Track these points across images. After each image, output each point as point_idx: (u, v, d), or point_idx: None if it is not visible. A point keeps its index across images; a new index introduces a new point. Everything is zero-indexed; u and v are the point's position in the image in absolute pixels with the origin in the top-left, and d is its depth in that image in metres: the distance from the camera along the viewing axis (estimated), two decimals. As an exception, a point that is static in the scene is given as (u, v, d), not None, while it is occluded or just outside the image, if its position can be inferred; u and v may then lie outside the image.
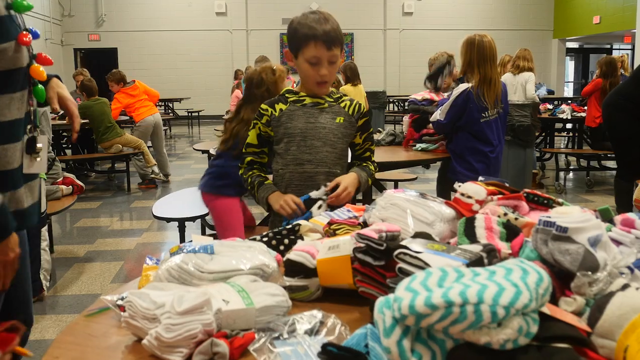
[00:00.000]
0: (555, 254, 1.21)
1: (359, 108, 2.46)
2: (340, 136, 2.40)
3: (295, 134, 2.37)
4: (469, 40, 3.92)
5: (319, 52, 2.25)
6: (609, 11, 16.89)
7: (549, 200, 1.62)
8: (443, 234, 1.54)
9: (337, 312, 1.28)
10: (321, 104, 2.40)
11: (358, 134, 2.47)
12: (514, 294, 0.95)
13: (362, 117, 2.47)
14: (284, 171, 2.40)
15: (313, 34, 2.24)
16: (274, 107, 2.41)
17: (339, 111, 2.42)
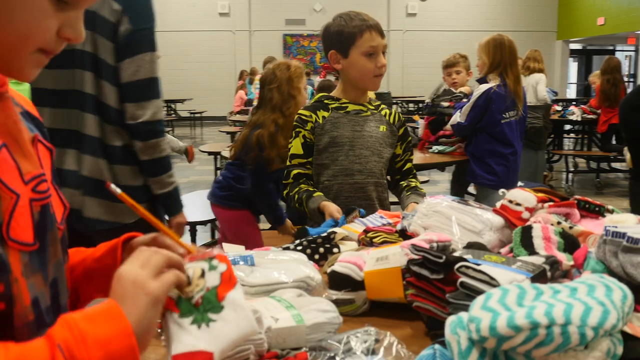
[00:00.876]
0: (627, 267, 1.14)
1: (398, 116, 2.39)
2: (385, 145, 2.31)
3: (343, 143, 2.24)
4: (497, 41, 3.84)
5: (375, 41, 2.17)
6: (613, 12, 16.81)
7: (600, 208, 1.55)
8: (492, 243, 1.47)
9: (387, 327, 1.20)
10: (364, 111, 2.31)
11: (399, 144, 2.38)
12: (602, 313, 0.88)
13: (402, 126, 2.39)
14: (330, 182, 2.25)
15: (366, 25, 2.17)
16: (317, 114, 2.27)
17: (381, 119, 2.33)
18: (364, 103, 2.32)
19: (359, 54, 2.17)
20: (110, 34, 1.94)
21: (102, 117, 2.00)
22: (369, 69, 2.19)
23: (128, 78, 1.96)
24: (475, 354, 0.90)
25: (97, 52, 1.96)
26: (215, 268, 0.90)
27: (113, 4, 1.92)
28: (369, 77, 2.21)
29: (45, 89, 2.02)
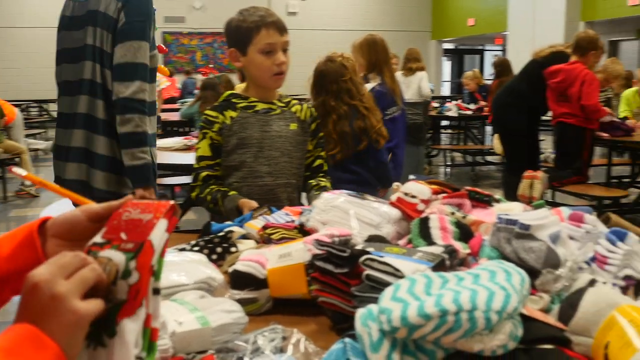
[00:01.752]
0: (519, 252, 1.20)
1: (310, 112, 2.32)
2: (295, 144, 2.24)
3: (252, 145, 2.17)
4: (370, 41, 3.94)
5: (272, 38, 2.11)
6: (482, 14, 17.78)
7: (489, 198, 1.62)
8: (390, 235, 1.49)
9: (292, 324, 1.19)
10: (273, 109, 2.23)
11: (309, 140, 2.32)
12: (504, 297, 0.92)
13: (314, 121, 2.33)
14: (239, 185, 2.19)
15: (263, 21, 2.11)
16: (224, 114, 2.19)
17: (292, 117, 2.26)
18: (272, 101, 2.26)
19: (256, 51, 2.12)
20: (111, 28, 2.27)
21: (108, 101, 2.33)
22: (266, 67, 2.13)
23: (116, 60, 2.26)
24: (386, 345, 0.90)
25: (102, 45, 2.31)
26: (128, 275, 0.74)
27: (117, 3, 2.27)
28: (267, 75, 2.16)
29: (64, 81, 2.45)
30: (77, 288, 0.69)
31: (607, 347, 0.98)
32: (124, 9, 2.26)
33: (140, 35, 2.26)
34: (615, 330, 0.98)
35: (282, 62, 2.14)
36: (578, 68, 5.06)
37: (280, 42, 2.13)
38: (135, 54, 2.25)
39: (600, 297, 1.05)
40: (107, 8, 2.27)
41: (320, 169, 2.36)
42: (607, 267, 1.29)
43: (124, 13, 2.25)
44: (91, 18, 2.31)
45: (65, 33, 2.44)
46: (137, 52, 2.25)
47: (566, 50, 5.45)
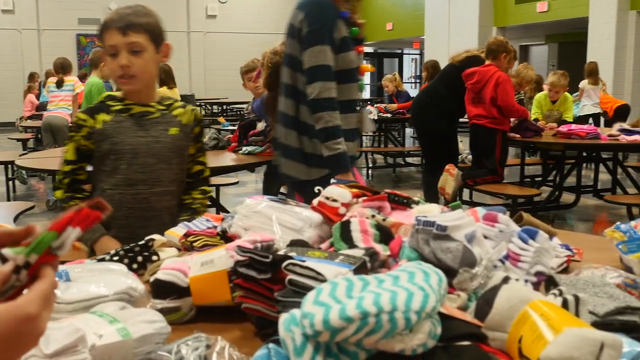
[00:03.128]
0: (437, 252, 1.23)
1: (194, 116, 2.22)
2: (175, 150, 2.14)
3: (125, 151, 2.07)
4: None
5: (113, 40, 1.98)
6: (400, 19, 18.17)
7: (408, 200, 1.66)
8: (312, 239, 1.50)
9: (216, 331, 1.18)
10: (151, 113, 2.13)
11: (192, 144, 2.23)
12: (423, 297, 0.95)
13: (197, 125, 2.23)
14: (112, 192, 2.09)
15: (107, 22, 2.01)
16: (95, 118, 2.08)
17: (172, 121, 2.15)
18: (150, 104, 2.14)
19: (105, 53, 2.04)
20: (296, 36, 2.58)
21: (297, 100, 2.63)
22: (112, 69, 2.04)
23: (304, 66, 2.55)
24: (310, 349, 0.91)
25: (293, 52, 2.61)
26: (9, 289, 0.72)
27: (300, 14, 2.56)
28: (114, 77, 2.08)
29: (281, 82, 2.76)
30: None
31: (521, 341, 1.02)
32: (305, 18, 2.54)
33: (319, 40, 2.51)
34: (527, 325, 1.03)
35: (124, 65, 2.00)
36: (492, 70, 5.26)
37: (122, 44, 1.99)
38: (316, 57, 2.51)
39: (513, 294, 1.10)
40: (295, 19, 2.60)
41: (200, 174, 2.28)
42: (520, 265, 1.35)
43: (305, 22, 2.53)
44: (289, 29, 2.65)
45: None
46: (317, 55, 2.51)
47: (481, 55, 5.66)
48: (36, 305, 0.71)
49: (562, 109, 6.57)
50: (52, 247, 0.74)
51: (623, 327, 1.20)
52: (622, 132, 5.19)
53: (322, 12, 2.53)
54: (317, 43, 2.51)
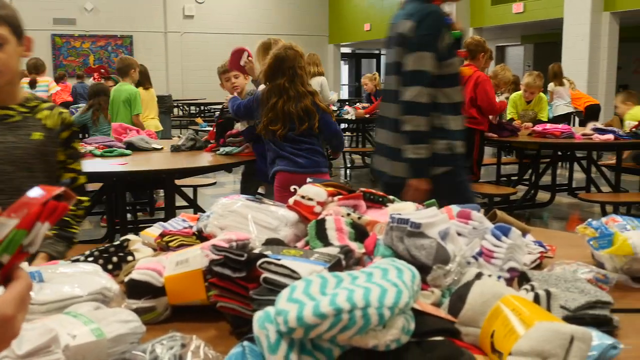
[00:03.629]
0: (411, 249, 1.24)
1: (61, 119, 2.02)
2: (38, 156, 1.94)
3: None
4: (267, 44, 3.96)
5: None
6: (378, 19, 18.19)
7: (383, 198, 1.67)
8: (288, 238, 1.51)
9: (192, 331, 1.18)
10: (11, 116, 1.92)
11: (61, 150, 2.03)
12: (396, 293, 0.95)
13: (65, 129, 2.03)
14: None
15: None
16: None
17: (36, 124, 1.96)
18: (11, 105, 1.94)
19: None
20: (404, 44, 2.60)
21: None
22: None
23: (403, 69, 2.60)
24: (284, 346, 0.92)
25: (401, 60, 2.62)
26: None
27: (412, 23, 2.57)
28: None
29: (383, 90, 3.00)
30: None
31: (493, 336, 1.04)
32: (415, 26, 2.57)
33: (424, 47, 2.56)
34: (500, 320, 1.05)
35: None
36: (471, 70, 5.30)
37: None
38: (418, 62, 2.55)
39: (486, 289, 1.11)
40: (403, 28, 2.60)
41: (71, 184, 2.10)
42: (493, 261, 1.37)
43: (414, 30, 2.56)
44: (396, 39, 2.66)
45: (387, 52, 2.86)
46: (420, 61, 2.55)
47: (457, 55, 5.69)
48: (12, 307, 0.71)
49: (537, 109, 6.64)
50: (23, 245, 0.74)
51: (594, 321, 1.22)
52: (595, 131, 5.26)
53: (432, 22, 2.59)
54: (422, 49, 2.57)
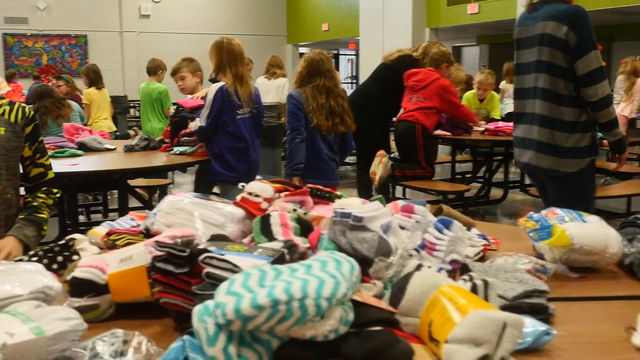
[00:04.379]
0: (353, 243, 1.26)
1: (23, 113, 2.02)
2: (3, 152, 1.94)
3: None
4: (218, 43, 3.97)
5: None
6: (335, 19, 18.28)
7: (330, 194, 1.69)
8: (235, 234, 1.52)
9: (136, 327, 1.18)
10: None
11: (27, 145, 2.04)
12: (333, 285, 0.97)
13: (29, 123, 2.03)
14: None
15: None
16: None
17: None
18: None
19: None
20: (562, 47, 2.81)
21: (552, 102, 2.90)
22: None
23: (581, 72, 2.79)
24: (222, 338, 0.93)
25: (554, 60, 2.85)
26: None
27: (561, 27, 2.78)
28: None
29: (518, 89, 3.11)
30: None
31: (431, 325, 1.06)
32: (571, 30, 2.77)
33: (590, 47, 2.79)
34: (437, 309, 1.07)
35: None
36: (435, 74, 5.38)
37: None
38: (592, 62, 2.79)
39: (424, 280, 1.14)
40: (555, 31, 2.80)
41: (40, 178, 2.11)
42: (436, 253, 1.40)
43: (571, 34, 2.77)
44: (548, 40, 2.84)
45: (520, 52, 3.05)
46: (592, 60, 2.79)
47: (413, 54, 5.75)
48: None
49: (489, 107, 6.76)
50: None
51: (531, 309, 1.26)
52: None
53: (584, 21, 2.81)
54: (590, 50, 2.80)
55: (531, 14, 2.94)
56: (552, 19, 2.81)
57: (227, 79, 3.85)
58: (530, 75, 2.96)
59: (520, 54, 3.04)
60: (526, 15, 2.99)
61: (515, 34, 3.08)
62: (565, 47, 2.80)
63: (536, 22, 2.88)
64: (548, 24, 2.82)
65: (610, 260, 1.58)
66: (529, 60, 2.96)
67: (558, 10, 2.81)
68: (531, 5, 2.95)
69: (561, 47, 2.81)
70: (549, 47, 2.84)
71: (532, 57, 2.93)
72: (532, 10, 2.94)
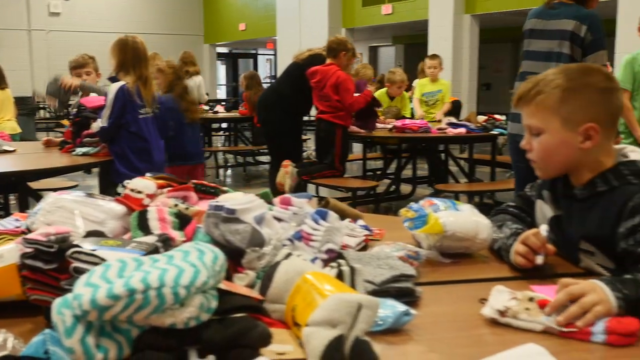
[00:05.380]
0: (226, 234, 1.30)
1: None
2: None
3: None
4: (122, 42, 3.92)
5: None
6: (253, 19, 18.26)
7: (215, 189, 1.71)
8: (116, 231, 1.52)
9: (6, 326, 1.17)
10: None
11: None
12: (193, 273, 1.00)
13: None
14: None
15: None
16: None
17: None
18: None
19: None
20: (579, 43, 3.36)
21: None
22: None
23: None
24: (80, 329, 0.94)
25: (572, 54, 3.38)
26: None
27: (581, 26, 3.33)
28: None
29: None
30: None
31: (294, 310, 1.11)
32: (589, 29, 3.33)
33: (601, 46, 3.36)
34: (300, 295, 1.12)
35: None
36: (332, 69, 5.47)
37: None
38: (601, 59, 3.35)
39: (290, 268, 1.18)
40: (576, 29, 3.35)
41: None
42: (312, 243, 1.45)
43: (589, 32, 3.32)
44: (570, 35, 3.37)
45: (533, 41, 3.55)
46: (603, 57, 3.36)
47: (323, 53, 5.85)
48: None
49: (400, 105, 6.95)
50: None
51: (398, 292, 1.33)
52: (449, 125, 5.59)
53: (600, 23, 3.37)
54: (601, 48, 3.38)
55: (550, 10, 3.49)
56: (575, 19, 3.37)
57: (130, 79, 3.80)
58: (540, 63, 3.43)
59: (532, 42, 3.55)
60: (543, 10, 3.54)
61: (529, 24, 3.60)
62: (581, 44, 3.38)
63: (558, 19, 3.43)
64: (570, 22, 3.38)
65: (481, 246, 1.67)
66: (543, 49, 3.48)
67: (581, 13, 3.39)
68: (551, 3, 3.50)
69: (579, 43, 3.38)
70: (570, 41, 3.39)
71: (548, 47, 3.47)
72: (551, 8, 3.49)
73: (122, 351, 0.97)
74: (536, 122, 1.56)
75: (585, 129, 1.49)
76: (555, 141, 1.54)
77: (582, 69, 1.62)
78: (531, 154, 1.61)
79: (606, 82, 1.55)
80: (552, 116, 1.52)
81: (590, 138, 1.50)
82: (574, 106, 1.50)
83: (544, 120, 1.54)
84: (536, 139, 1.57)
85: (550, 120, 1.53)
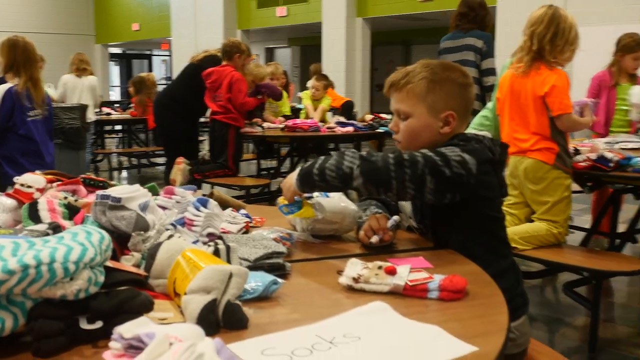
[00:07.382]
0: (113, 220, 1.44)
1: None
2: None
3: None
4: (11, 42, 3.89)
5: None
6: (146, 19, 17.98)
7: (104, 183, 1.83)
8: (7, 223, 1.61)
9: None
10: None
11: None
12: (81, 250, 1.14)
13: None
14: None
15: None
16: None
17: None
18: None
19: None
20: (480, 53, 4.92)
21: None
22: None
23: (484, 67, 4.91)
24: (-20, 303, 1.06)
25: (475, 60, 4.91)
26: None
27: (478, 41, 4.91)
28: None
29: None
30: None
31: (175, 282, 1.27)
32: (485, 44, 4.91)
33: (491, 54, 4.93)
34: (179, 269, 1.28)
35: None
36: (227, 70, 5.61)
37: None
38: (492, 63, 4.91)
39: (171, 247, 1.34)
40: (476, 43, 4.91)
41: None
42: (194, 228, 1.61)
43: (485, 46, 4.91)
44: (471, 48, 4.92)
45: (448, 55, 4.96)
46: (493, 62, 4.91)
47: (218, 54, 5.97)
48: None
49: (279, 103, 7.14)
50: None
51: (270, 267, 1.52)
52: (338, 124, 5.86)
53: (492, 41, 5.03)
54: (491, 56, 4.93)
55: (461, 32, 4.98)
56: (480, 38, 4.90)
57: (19, 81, 3.78)
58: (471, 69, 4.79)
59: (447, 57, 4.83)
60: (454, 34, 5.04)
61: (443, 44, 5.11)
62: (480, 53, 4.86)
63: (467, 37, 4.93)
64: (477, 40, 4.89)
65: (348, 228, 1.89)
66: (456, 60, 4.61)
67: (482, 34, 4.93)
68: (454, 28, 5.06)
69: (479, 53, 4.87)
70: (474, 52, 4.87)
71: (460, 57, 4.81)
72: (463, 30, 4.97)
73: (17, 321, 1.10)
74: (405, 107, 1.82)
75: (445, 116, 1.78)
76: (421, 125, 1.80)
77: (443, 65, 1.88)
78: (397, 135, 1.86)
79: (463, 78, 1.84)
80: (419, 103, 1.79)
81: (449, 124, 1.78)
82: (438, 96, 1.77)
83: (412, 106, 1.80)
84: (403, 122, 1.82)
85: (418, 107, 1.79)
